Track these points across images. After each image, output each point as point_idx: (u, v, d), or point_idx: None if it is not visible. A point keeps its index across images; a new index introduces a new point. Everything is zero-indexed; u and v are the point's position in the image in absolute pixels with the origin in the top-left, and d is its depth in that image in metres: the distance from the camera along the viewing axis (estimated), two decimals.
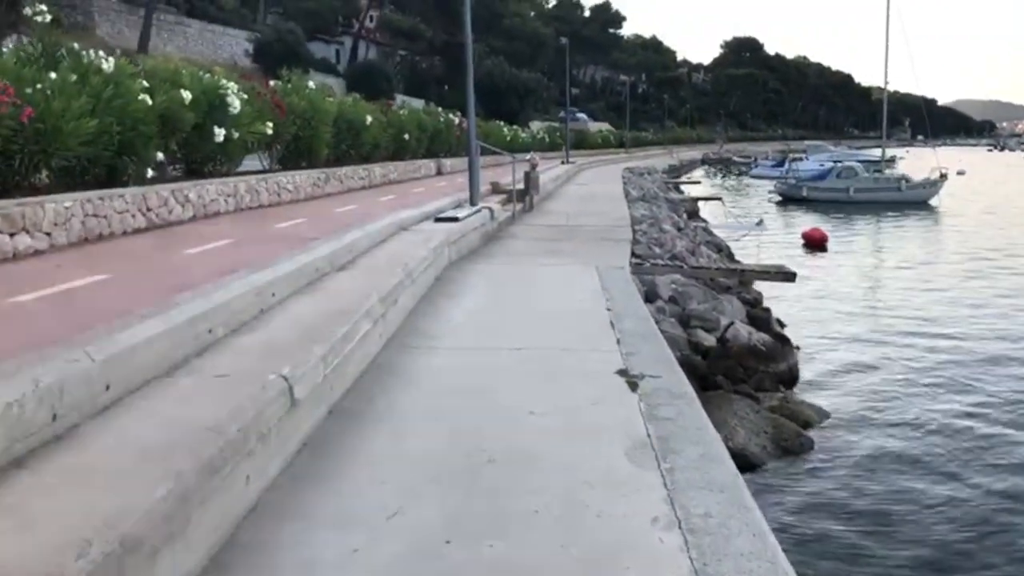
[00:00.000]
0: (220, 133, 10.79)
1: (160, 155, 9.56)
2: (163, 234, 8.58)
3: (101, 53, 8.76)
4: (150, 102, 9.12)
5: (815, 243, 24.56)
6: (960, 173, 55.31)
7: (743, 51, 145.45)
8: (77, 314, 4.48)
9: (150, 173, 9.35)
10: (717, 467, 4.02)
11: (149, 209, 8.80)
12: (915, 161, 65.38)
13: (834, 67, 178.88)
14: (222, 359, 4.34)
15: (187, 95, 9.96)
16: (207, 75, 11.27)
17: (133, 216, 8.47)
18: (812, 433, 8.83)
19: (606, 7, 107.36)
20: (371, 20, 66.98)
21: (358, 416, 4.60)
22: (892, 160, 51.64)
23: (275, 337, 4.84)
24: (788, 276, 12.00)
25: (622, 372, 5.53)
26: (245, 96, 11.62)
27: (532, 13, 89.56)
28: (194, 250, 7.48)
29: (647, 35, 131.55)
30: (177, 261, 6.91)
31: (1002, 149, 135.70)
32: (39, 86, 7.71)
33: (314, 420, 4.37)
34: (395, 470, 3.88)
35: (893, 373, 11.56)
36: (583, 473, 3.86)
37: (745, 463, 7.69)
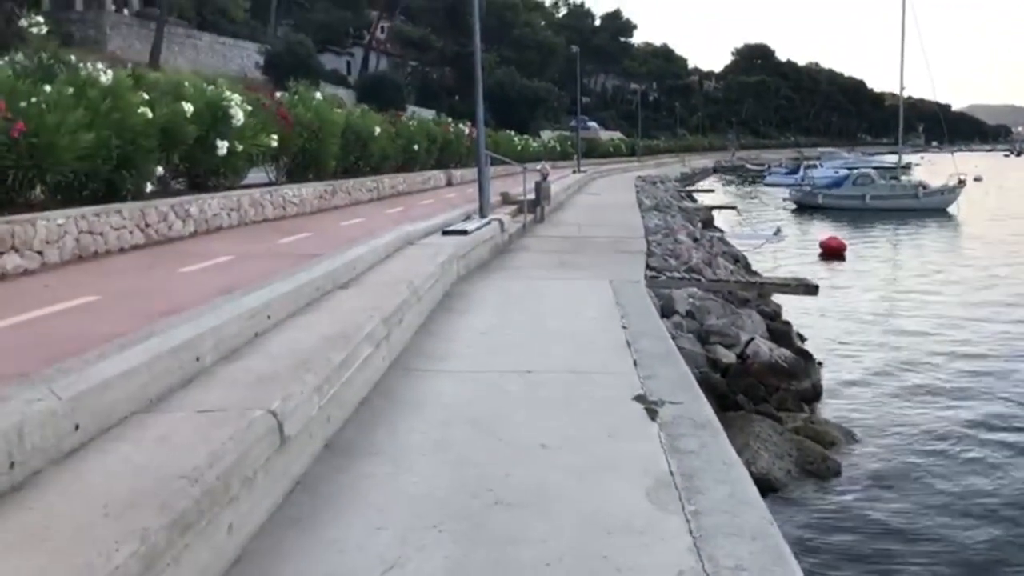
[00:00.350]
0: (223, 146, 10.53)
1: (160, 169, 9.30)
2: (161, 251, 8.30)
3: (100, 65, 8.53)
4: (150, 115, 8.87)
5: (833, 252, 24.08)
6: (977, 179, 54.55)
7: (754, 58, 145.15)
8: (54, 341, 4.17)
9: (150, 188, 9.09)
10: (747, 510, 3.68)
11: (148, 225, 8.53)
12: (930, 167, 64.66)
13: (846, 73, 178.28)
14: (208, 391, 4.02)
15: (189, 107, 9.71)
16: (210, 87, 11.02)
17: (131, 232, 8.19)
18: (838, 455, 8.42)
19: (616, 16, 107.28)
20: (382, 31, 67.14)
21: (356, 451, 4.27)
22: (907, 167, 50.94)
23: (268, 365, 4.51)
24: (810, 289, 11.58)
25: (640, 398, 5.18)
26: (249, 108, 11.36)
27: (543, 22, 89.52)
28: (191, 268, 7.19)
29: (658, 43, 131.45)
30: (172, 280, 6.61)
31: (1019, 154, 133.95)
32: (34, 100, 7.47)
33: (308, 457, 4.04)
34: (394, 514, 3.55)
35: (922, 388, 11.11)
36: (600, 517, 3.52)
37: (769, 488, 7.32)
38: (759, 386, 9.63)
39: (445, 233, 10.91)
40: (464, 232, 10.86)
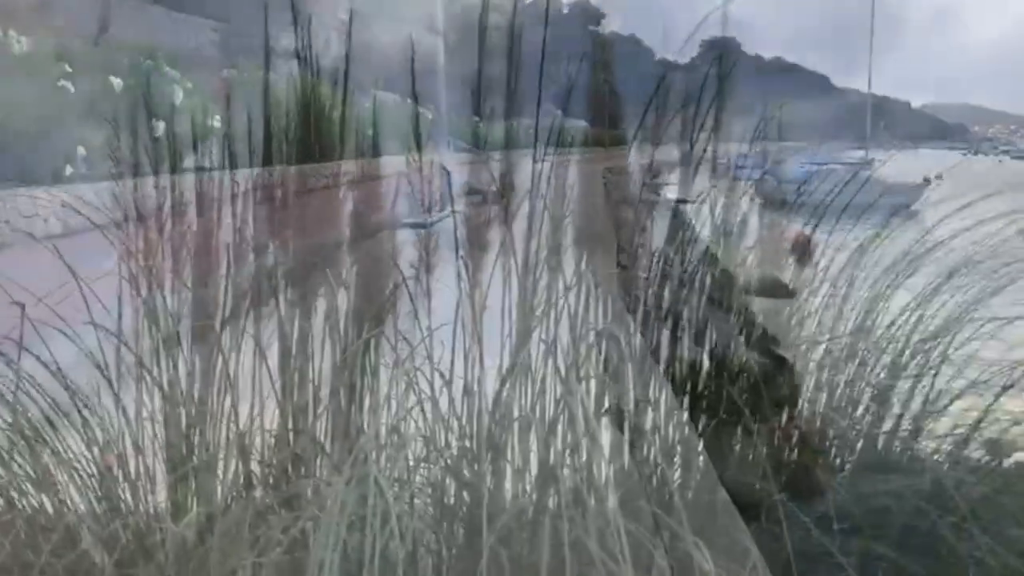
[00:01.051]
0: (159, 127, 9.63)
1: (82, 150, 8.41)
2: (79, 241, 7.47)
3: (12, 32, 7.60)
4: (72, 90, 7.99)
5: (802, 249, 23.92)
6: (939, 177, 55.49)
7: (720, 51, 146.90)
8: None
9: (69, 170, 8.20)
10: (745, 563, 3.15)
11: (64, 207, 7.67)
12: (892, 164, 65.81)
13: (810, 67, 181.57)
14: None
15: (118, 82, 8.79)
16: (148, 61, 10.09)
17: (45, 220, 7.33)
18: (819, 466, 7.97)
19: (584, 3, 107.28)
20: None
21: (285, 503, 3.58)
22: (871, 163, 51.57)
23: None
24: (785, 291, 11.13)
25: (612, 412, 4.62)
26: (190, 85, 10.44)
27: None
28: (110, 263, 6.38)
29: (625, 34, 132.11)
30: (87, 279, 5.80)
31: (976, 153, 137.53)
32: None
33: None
34: None
35: (902, 385, 10.76)
36: None
37: (749, 506, 6.82)
38: (733, 392, 9.16)
39: (401, 226, 10.23)
40: (422, 225, 10.18)
